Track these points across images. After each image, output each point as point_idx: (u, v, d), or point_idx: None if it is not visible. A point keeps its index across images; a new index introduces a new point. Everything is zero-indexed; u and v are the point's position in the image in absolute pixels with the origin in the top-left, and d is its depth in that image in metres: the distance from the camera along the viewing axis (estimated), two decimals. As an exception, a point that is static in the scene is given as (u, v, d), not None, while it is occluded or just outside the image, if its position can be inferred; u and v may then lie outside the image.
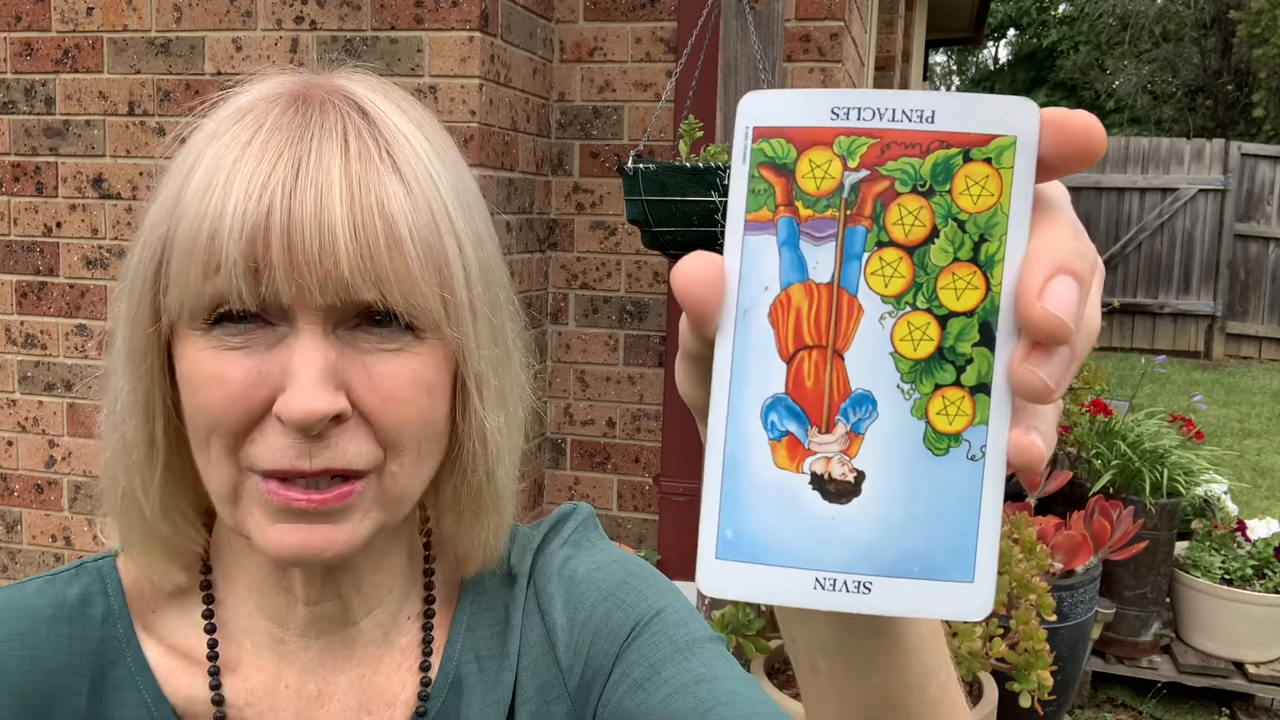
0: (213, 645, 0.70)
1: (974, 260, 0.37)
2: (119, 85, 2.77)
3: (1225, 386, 9.48)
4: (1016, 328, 0.36)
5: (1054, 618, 2.08)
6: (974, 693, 2.25)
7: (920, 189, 0.37)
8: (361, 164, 0.60)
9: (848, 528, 0.38)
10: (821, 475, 0.38)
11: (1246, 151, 10.61)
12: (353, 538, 0.63)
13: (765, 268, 0.38)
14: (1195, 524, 3.67)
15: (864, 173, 0.38)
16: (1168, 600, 3.60)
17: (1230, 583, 3.46)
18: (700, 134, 2.15)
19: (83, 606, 0.70)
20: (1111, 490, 3.47)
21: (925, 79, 10.05)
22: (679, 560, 3.00)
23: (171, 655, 0.71)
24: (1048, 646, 2.00)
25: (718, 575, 0.38)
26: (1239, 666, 3.48)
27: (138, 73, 2.75)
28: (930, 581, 0.37)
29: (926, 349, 0.37)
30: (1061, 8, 21.28)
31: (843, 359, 0.38)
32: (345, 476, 0.62)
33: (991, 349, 0.37)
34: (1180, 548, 3.60)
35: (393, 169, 0.61)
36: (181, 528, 0.69)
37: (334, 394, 0.59)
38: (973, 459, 0.37)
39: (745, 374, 0.38)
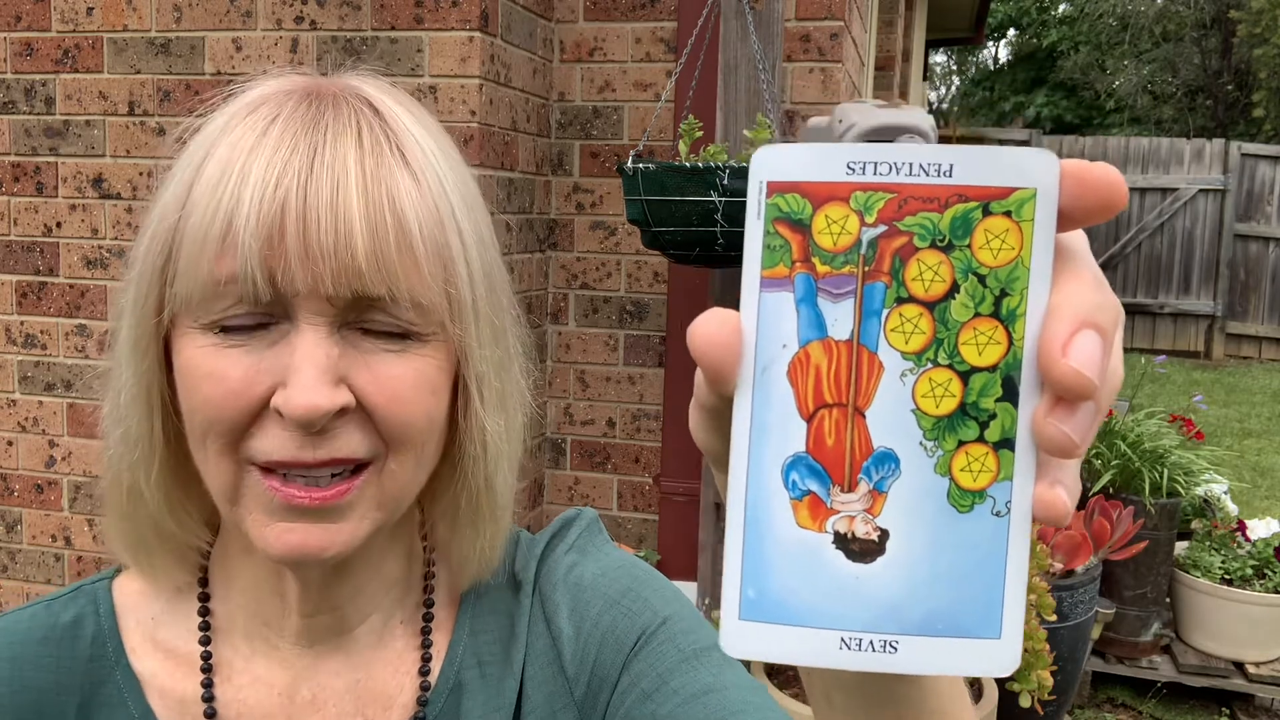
0: (206, 656, 0.70)
1: (995, 315, 0.37)
2: (119, 85, 2.77)
3: (1225, 386, 9.48)
4: (1039, 382, 0.36)
5: (1054, 618, 2.08)
6: (974, 693, 2.25)
7: (939, 244, 0.37)
8: (374, 157, 0.60)
9: (872, 587, 0.37)
10: (845, 534, 0.37)
11: (1246, 151, 10.61)
12: (352, 537, 0.62)
13: (783, 325, 0.38)
14: (1195, 524, 3.67)
15: (882, 228, 0.37)
16: (1168, 600, 3.60)
17: (1230, 583, 3.46)
18: (700, 134, 2.15)
19: (74, 629, 0.71)
20: (1111, 490, 3.47)
21: (925, 79, 10.05)
22: (679, 560, 3.00)
23: (169, 661, 0.71)
24: (1048, 646, 2.00)
25: (742, 636, 0.38)
26: (1239, 666, 3.48)
27: (138, 73, 2.75)
28: (957, 639, 0.37)
29: (949, 405, 0.37)
30: (1061, 8, 21.28)
31: (864, 417, 0.37)
32: (346, 471, 0.62)
33: (1015, 404, 0.37)
34: (1180, 548, 3.60)
35: (404, 164, 0.62)
36: (187, 524, 0.69)
37: (335, 389, 0.59)
38: (998, 515, 0.37)
39: (765, 433, 0.38)
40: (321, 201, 0.58)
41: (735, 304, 0.38)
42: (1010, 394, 0.37)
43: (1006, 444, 0.37)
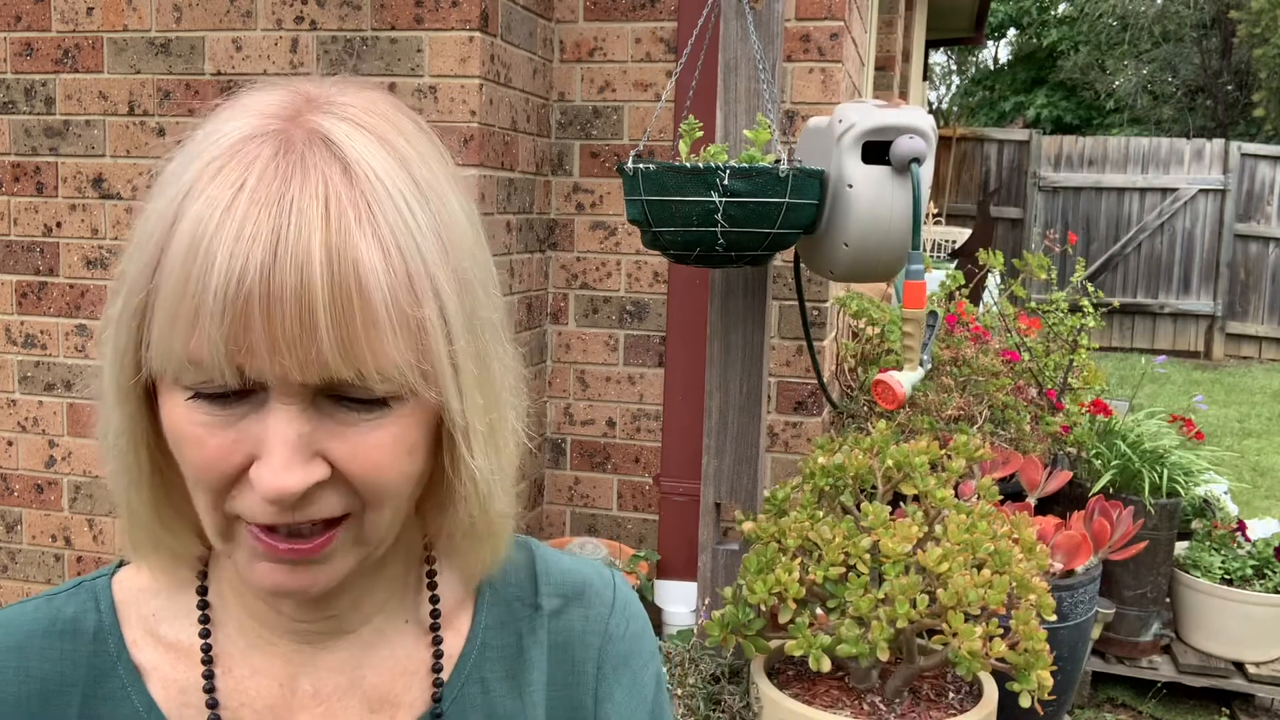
0: (207, 648, 0.71)
1: None
2: (119, 85, 2.77)
3: (1225, 386, 9.48)
4: None
5: (1054, 618, 2.08)
6: (974, 693, 2.25)
7: None
8: (341, 235, 0.58)
9: None
10: None
11: (1246, 151, 10.60)
12: (333, 577, 0.65)
13: None
14: (1195, 524, 3.67)
15: None
16: (1168, 600, 3.59)
17: (1230, 583, 3.46)
18: (700, 134, 2.15)
19: (75, 623, 0.72)
20: (1111, 490, 3.46)
21: (925, 79, 10.05)
22: (679, 560, 3.00)
23: (171, 654, 0.72)
24: (1048, 646, 2.00)
25: None
26: (1239, 666, 3.48)
27: (138, 73, 2.75)
28: None
29: None
30: (1061, 8, 21.26)
31: None
32: (326, 523, 0.63)
33: None
34: (1180, 548, 3.60)
35: (373, 236, 0.59)
36: (182, 535, 0.70)
37: (307, 467, 0.59)
38: None
39: None
40: (286, 293, 0.56)
41: (735, 307, 0.38)
42: None
43: None
